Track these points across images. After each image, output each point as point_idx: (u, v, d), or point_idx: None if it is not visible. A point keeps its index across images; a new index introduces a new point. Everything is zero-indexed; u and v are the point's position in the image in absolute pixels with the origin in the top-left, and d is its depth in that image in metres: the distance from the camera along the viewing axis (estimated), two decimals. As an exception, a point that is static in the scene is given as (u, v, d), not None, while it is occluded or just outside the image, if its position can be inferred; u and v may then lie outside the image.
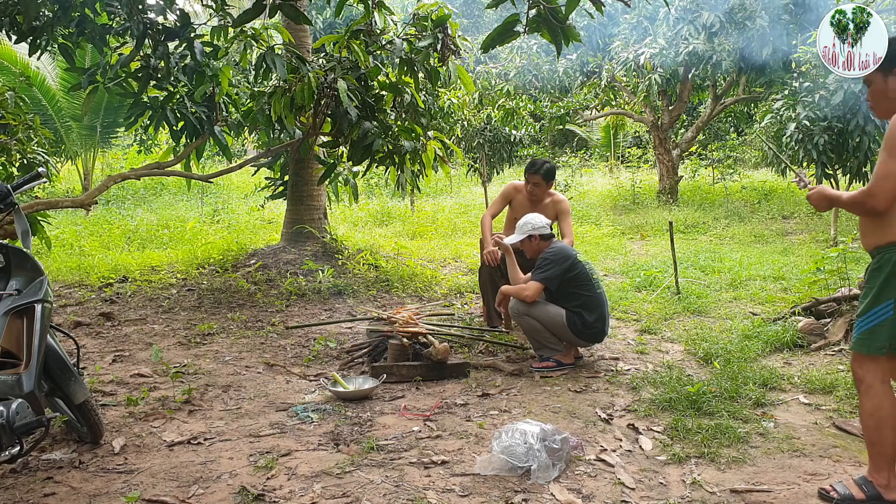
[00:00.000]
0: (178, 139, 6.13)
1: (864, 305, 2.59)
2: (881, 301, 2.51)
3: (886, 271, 2.51)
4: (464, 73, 5.86)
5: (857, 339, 2.61)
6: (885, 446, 2.54)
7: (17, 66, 11.46)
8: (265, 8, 4.68)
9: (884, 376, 2.57)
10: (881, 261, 2.54)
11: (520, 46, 13.85)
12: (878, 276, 2.53)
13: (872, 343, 2.54)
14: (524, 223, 4.37)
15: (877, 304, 2.52)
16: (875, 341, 2.53)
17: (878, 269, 2.54)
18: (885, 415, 2.52)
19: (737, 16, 11.09)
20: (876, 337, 2.53)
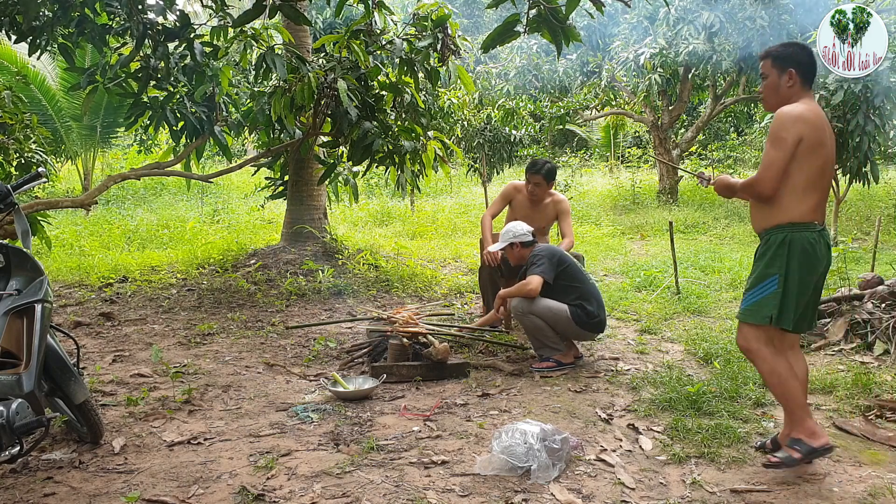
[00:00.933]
0: (178, 139, 6.13)
1: (751, 281, 2.88)
2: (768, 276, 2.81)
3: (772, 250, 2.80)
4: (464, 73, 5.86)
5: (744, 311, 2.88)
6: (795, 398, 2.79)
7: (16, 66, 11.47)
8: (265, 8, 4.68)
9: (767, 340, 2.84)
10: (768, 242, 2.84)
11: (520, 46, 13.85)
12: (765, 254, 2.84)
13: (759, 313, 2.82)
14: (506, 231, 4.49)
15: (764, 278, 2.82)
16: (761, 312, 2.81)
17: (766, 249, 2.84)
18: (782, 370, 2.80)
19: (737, 16, 11.09)
20: (762, 308, 2.81)
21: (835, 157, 2.91)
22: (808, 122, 2.73)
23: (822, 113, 2.84)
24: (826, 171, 2.80)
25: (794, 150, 2.72)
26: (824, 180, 2.81)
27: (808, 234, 2.77)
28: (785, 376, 2.80)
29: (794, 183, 2.76)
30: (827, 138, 2.79)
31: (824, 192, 2.83)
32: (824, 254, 2.81)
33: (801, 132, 2.72)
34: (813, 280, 2.83)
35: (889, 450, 3.04)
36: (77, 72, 6.15)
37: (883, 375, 3.86)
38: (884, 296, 4.62)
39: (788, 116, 2.75)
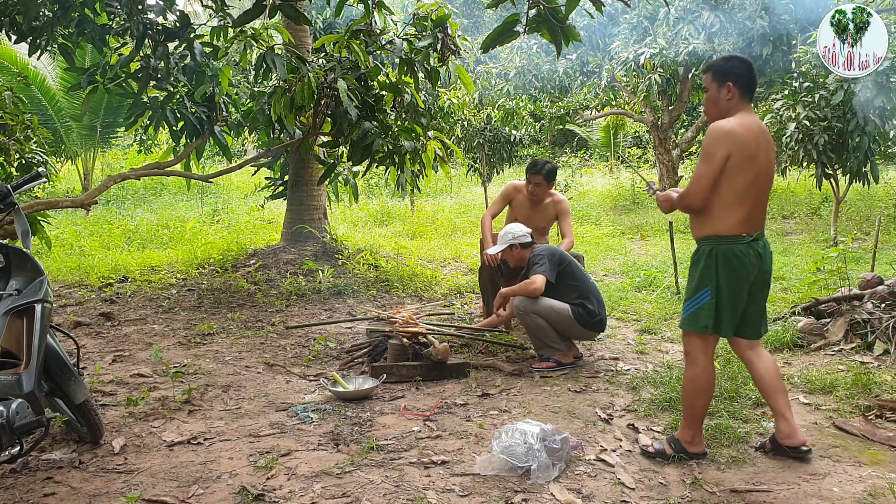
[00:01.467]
0: (178, 139, 6.13)
1: (688, 290, 2.99)
2: (701, 287, 2.91)
3: (703, 261, 2.91)
4: (464, 73, 5.86)
5: (683, 319, 3.00)
6: (696, 410, 2.95)
7: (17, 66, 11.47)
8: (265, 8, 4.68)
9: (706, 350, 2.95)
10: (700, 251, 2.94)
11: (520, 46, 13.85)
12: (698, 265, 2.94)
13: (696, 323, 2.93)
14: (505, 233, 4.51)
15: (698, 290, 2.92)
16: (698, 322, 2.92)
17: (697, 259, 2.94)
18: (702, 384, 2.94)
19: (737, 16, 11.09)
20: (699, 318, 2.92)
21: (772, 169, 2.95)
22: (738, 137, 2.81)
23: (757, 126, 2.89)
24: (757, 183, 2.86)
25: (723, 165, 2.80)
26: (755, 193, 2.86)
27: (735, 246, 2.85)
28: (701, 388, 2.94)
29: (723, 196, 2.84)
30: (760, 151, 2.85)
31: (756, 204, 2.88)
32: (754, 263, 2.88)
33: (730, 148, 2.79)
34: (745, 288, 2.91)
35: (889, 450, 3.04)
36: (77, 72, 6.15)
37: (883, 375, 3.86)
38: (884, 296, 4.62)
39: (719, 132, 2.83)
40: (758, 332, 3.05)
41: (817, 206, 11.62)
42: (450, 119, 11.24)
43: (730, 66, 2.96)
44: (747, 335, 3.03)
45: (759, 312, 3.03)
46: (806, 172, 10.24)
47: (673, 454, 2.95)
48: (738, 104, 2.92)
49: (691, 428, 2.96)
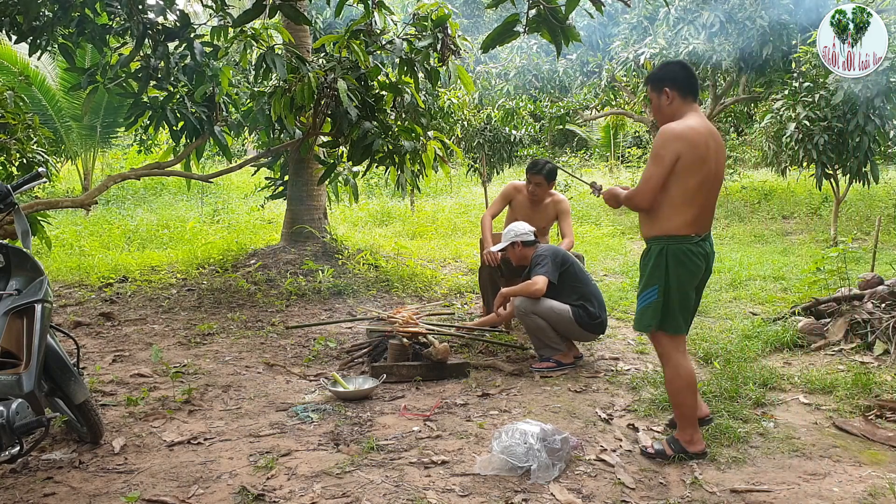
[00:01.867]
0: (178, 139, 6.13)
1: (639, 289, 3.05)
2: (649, 286, 2.97)
3: (652, 261, 2.96)
4: (464, 73, 5.86)
5: (635, 319, 3.10)
6: (685, 408, 2.97)
7: (17, 66, 11.47)
8: (265, 8, 4.68)
9: (678, 346, 3.00)
10: (649, 251, 3.00)
11: (520, 46, 13.85)
12: (646, 264, 3.00)
13: (642, 322, 3.00)
14: (508, 231, 4.52)
15: (646, 288, 2.98)
16: (644, 320, 2.99)
17: (646, 258, 3.01)
18: (681, 383, 2.96)
19: (737, 16, 11.09)
20: (644, 316, 2.98)
21: (721, 171, 2.99)
22: (687, 139, 2.84)
23: (706, 128, 2.92)
24: (706, 185, 2.91)
25: (672, 167, 2.85)
26: (704, 195, 2.91)
27: (684, 246, 2.91)
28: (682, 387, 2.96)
29: (672, 197, 2.89)
30: (710, 154, 2.89)
31: (705, 205, 2.93)
32: (701, 263, 2.95)
33: (679, 150, 2.84)
34: (692, 287, 2.98)
35: (889, 450, 3.04)
36: (77, 72, 6.15)
37: (883, 375, 3.86)
38: (884, 296, 4.62)
39: (669, 135, 2.87)
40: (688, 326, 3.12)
41: (817, 206, 11.62)
42: (450, 119, 11.23)
43: (664, 72, 3.03)
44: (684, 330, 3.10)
45: (694, 310, 3.12)
46: (806, 172, 10.23)
47: (673, 455, 2.96)
48: (682, 106, 2.97)
49: (688, 427, 2.97)
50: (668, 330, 2.97)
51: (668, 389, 3.05)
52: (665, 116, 3.00)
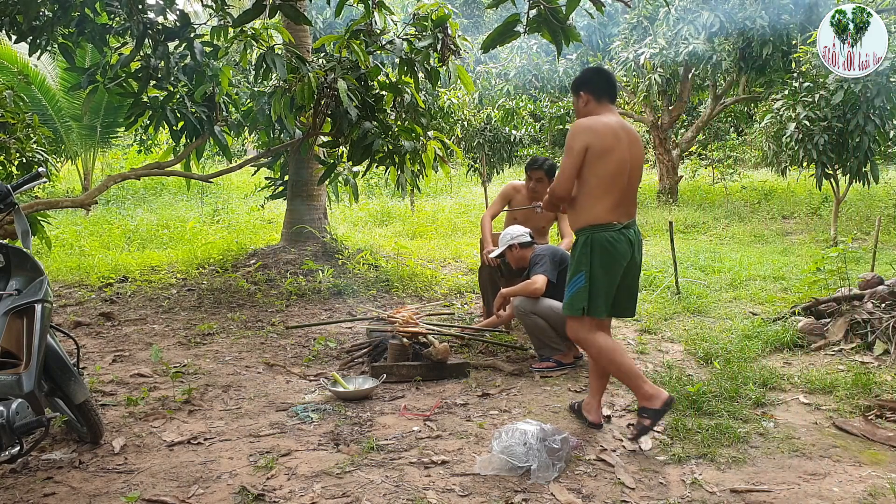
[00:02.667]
0: (178, 139, 6.13)
1: (568, 276, 3.24)
2: (576, 273, 3.16)
3: (578, 250, 3.16)
4: (464, 73, 5.86)
5: (564, 305, 3.26)
6: (628, 371, 3.12)
7: (17, 66, 11.47)
8: (265, 8, 4.68)
9: (590, 328, 3.19)
10: (578, 241, 3.19)
11: (520, 46, 13.85)
12: (574, 253, 3.20)
13: (573, 306, 3.18)
14: (504, 235, 4.56)
15: (574, 275, 3.17)
16: (575, 305, 3.17)
17: (575, 248, 3.20)
18: (611, 355, 3.14)
19: (737, 16, 11.09)
20: (575, 302, 3.17)
21: (637, 163, 3.16)
22: (595, 131, 3.07)
23: (616, 122, 3.13)
24: (621, 175, 3.09)
25: (583, 157, 3.06)
26: (619, 183, 3.10)
27: (607, 233, 3.10)
28: (612, 354, 3.14)
29: (590, 188, 3.10)
30: (618, 145, 3.07)
31: (622, 194, 3.12)
32: (626, 249, 3.13)
33: (587, 141, 3.05)
34: (618, 273, 3.15)
35: (889, 450, 3.04)
36: (77, 72, 6.15)
37: (883, 375, 3.86)
38: (884, 296, 4.62)
39: (576, 128, 3.11)
40: (631, 311, 3.34)
41: (817, 206, 11.62)
42: (450, 119, 11.25)
43: (581, 77, 3.28)
44: (619, 315, 3.34)
45: (630, 295, 3.28)
46: (806, 172, 10.24)
47: (650, 421, 3.06)
48: (597, 107, 3.20)
49: (640, 386, 3.10)
50: (594, 313, 3.15)
51: (607, 368, 3.22)
52: (581, 116, 3.23)
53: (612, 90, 3.23)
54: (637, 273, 3.29)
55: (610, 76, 3.25)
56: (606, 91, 3.21)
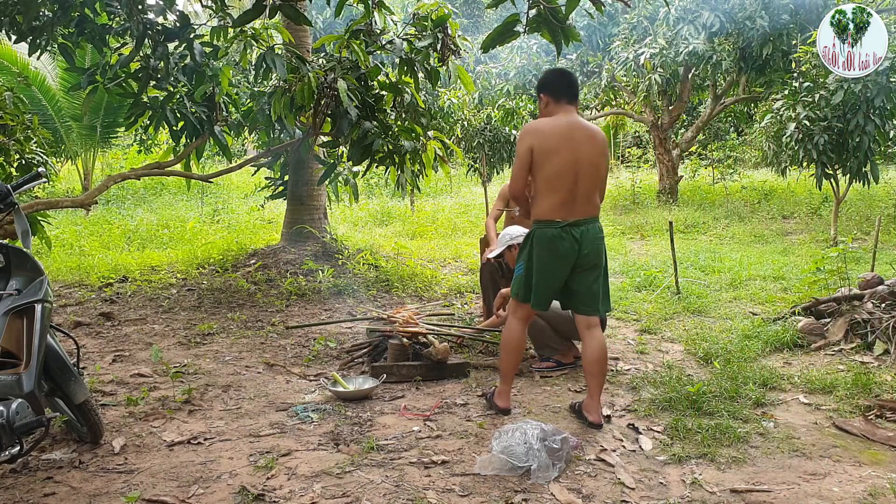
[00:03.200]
0: (178, 139, 6.12)
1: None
2: (518, 262, 3.41)
3: (526, 242, 3.37)
4: (464, 73, 5.86)
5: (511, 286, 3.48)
6: (505, 366, 3.44)
7: (17, 66, 11.46)
8: (265, 8, 4.67)
9: (520, 315, 3.41)
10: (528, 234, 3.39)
11: (520, 46, 13.85)
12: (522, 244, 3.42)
13: (513, 290, 3.43)
14: (503, 235, 4.59)
15: (516, 262, 3.43)
16: (513, 289, 3.42)
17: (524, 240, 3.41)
18: (511, 346, 3.41)
19: (737, 16, 11.09)
20: (514, 286, 3.42)
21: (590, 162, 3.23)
22: (540, 133, 3.22)
23: (566, 124, 3.24)
24: (566, 174, 3.19)
25: (529, 158, 3.21)
26: (566, 183, 3.20)
27: (549, 230, 3.24)
28: (510, 349, 3.41)
29: (538, 186, 3.25)
30: (565, 145, 3.18)
31: (568, 192, 3.21)
32: (569, 247, 3.23)
33: (530, 143, 3.20)
34: (558, 269, 3.28)
35: (889, 450, 3.04)
36: (77, 72, 6.14)
37: (883, 375, 3.86)
38: (884, 296, 4.62)
39: (523, 131, 3.29)
40: (593, 309, 3.38)
41: (817, 206, 11.62)
42: (450, 119, 11.24)
43: (542, 80, 3.41)
44: (581, 311, 3.40)
45: (590, 293, 3.36)
46: (806, 172, 10.24)
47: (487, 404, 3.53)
48: (555, 108, 3.32)
49: (503, 383, 3.45)
50: (532, 304, 3.34)
51: (501, 347, 3.51)
52: (542, 117, 3.36)
53: (571, 91, 3.32)
54: (596, 272, 3.35)
55: (569, 77, 3.35)
56: (565, 92, 3.31)
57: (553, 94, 3.33)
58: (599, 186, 3.33)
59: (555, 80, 3.35)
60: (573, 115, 3.30)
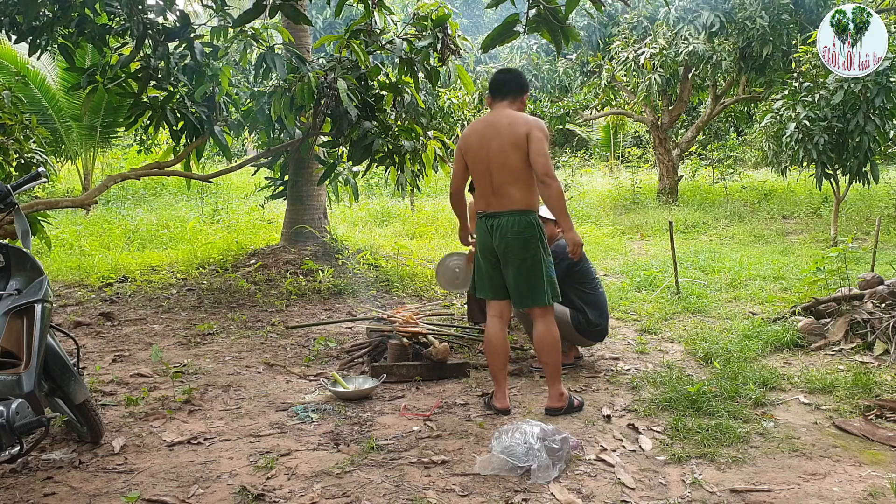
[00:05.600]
0: (178, 139, 6.12)
1: None
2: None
3: None
4: (464, 73, 5.86)
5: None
6: (492, 367, 3.51)
7: (16, 66, 11.46)
8: (265, 8, 4.68)
9: (494, 312, 3.54)
10: None
11: (520, 46, 13.86)
12: None
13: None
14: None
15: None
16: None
17: None
18: (488, 346, 3.51)
19: (737, 16, 11.09)
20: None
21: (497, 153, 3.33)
22: (464, 137, 3.49)
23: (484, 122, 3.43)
24: (479, 169, 3.41)
25: (461, 158, 3.51)
26: (483, 177, 3.41)
27: (478, 221, 3.49)
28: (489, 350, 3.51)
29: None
30: (479, 143, 3.38)
31: (486, 186, 3.41)
32: (484, 237, 3.43)
33: (460, 144, 3.52)
34: (485, 258, 3.48)
35: (889, 450, 3.04)
36: (77, 72, 6.14)
37: (883, 375, 3.86)
38: (884, 296, 4.62)
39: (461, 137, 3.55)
40: (519, 302, 3.45)
41: (817, 206, 11.62)
42: (450, 119, 11.24)
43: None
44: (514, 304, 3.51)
45: (514, 286, 3.43)
46: (806, 172, 10.24)
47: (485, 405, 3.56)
48: (493, 105, 3.51)
49: (495, 385, 3.53)
50: (476, 291, 3.60)
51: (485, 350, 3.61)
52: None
53: (499, 87, 3.48)
54: (515, 266, 3.39)
55: (498, 75, 3.51)
56: (496, 90, 3.49)
57: (490, 94, 3.53)
58: (513, 178, 3.34)
59: (491, 79, 3.55)
60: (497, 112, 3.44)
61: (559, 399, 3.45)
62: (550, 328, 3.44)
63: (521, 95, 3.50)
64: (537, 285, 3.40)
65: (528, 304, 3.43)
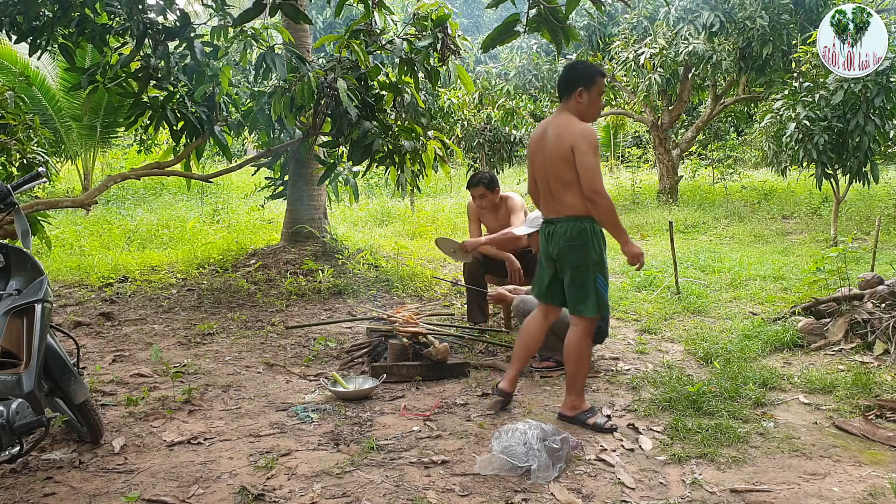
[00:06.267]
0: (178, 139, 6.12)
1: None
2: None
3: None
4: (464, 73, 5.86)
5: None
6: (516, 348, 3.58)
7: (17, 66, 11.45)
8: (265, 8, 4.68)
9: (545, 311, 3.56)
10: None
11: (520, 46, 13.86)
12: None
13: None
14: (534, 217, 4.52)
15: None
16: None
17: None
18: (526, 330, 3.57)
19: (737, 16, 11.09)
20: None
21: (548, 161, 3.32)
22: (530, 139, 3.51)
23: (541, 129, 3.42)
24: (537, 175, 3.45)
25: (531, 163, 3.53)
26: (541, 183, 3.43)
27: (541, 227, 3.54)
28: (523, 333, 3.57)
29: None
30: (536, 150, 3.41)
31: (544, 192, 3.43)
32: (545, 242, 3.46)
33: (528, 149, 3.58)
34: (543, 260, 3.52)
35: (889, 450, 3.04)
36: (77, 72, 6.14)
37: (883, 375, 3.86)
38: (884, 296, 4.62)
39: None
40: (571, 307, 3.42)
41: (817, 206, 11.62)
42: (450, 119, 11.25)
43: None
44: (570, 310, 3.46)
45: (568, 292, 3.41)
46: (806, 172, 10.24)
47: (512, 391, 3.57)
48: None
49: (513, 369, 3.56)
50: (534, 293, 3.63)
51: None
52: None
53: (558, 87, 3.42)
54: (565, 269, 3.37)
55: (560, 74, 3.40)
56: (560, 92, 3.39)
57: (558, 92, 3.42)
58: (566, 186, 3.26)
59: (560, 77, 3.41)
60: (554, 117, 3.39)
61: (571, 408, 3.40)
62: (582, 339, 3.36)
63: (572, 93, 3.31)
64: (587, 294, 3.32)
65: (573, 308, 3.39)
